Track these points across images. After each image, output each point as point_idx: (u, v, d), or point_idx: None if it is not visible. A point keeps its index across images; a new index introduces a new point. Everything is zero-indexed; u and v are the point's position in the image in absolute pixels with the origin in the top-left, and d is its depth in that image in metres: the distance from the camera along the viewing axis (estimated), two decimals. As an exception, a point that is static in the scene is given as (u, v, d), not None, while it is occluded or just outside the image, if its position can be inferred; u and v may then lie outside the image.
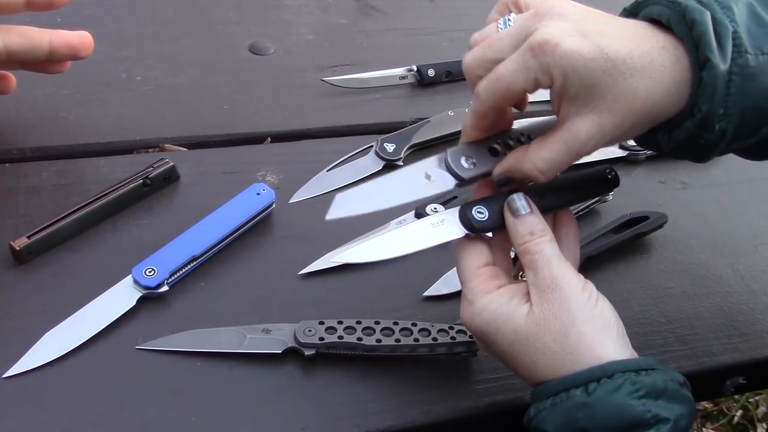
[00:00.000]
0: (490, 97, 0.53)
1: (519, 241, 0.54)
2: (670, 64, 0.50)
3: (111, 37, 0.89)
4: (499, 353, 0.54)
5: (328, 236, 0.71)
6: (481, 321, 0.53)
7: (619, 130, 0.51)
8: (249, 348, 0.60)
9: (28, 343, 0.58)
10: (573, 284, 0.52)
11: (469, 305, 0.54)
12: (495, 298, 0.53)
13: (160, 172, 0.71)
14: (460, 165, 0.57)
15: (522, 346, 0.52)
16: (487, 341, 0.54)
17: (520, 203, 0.55)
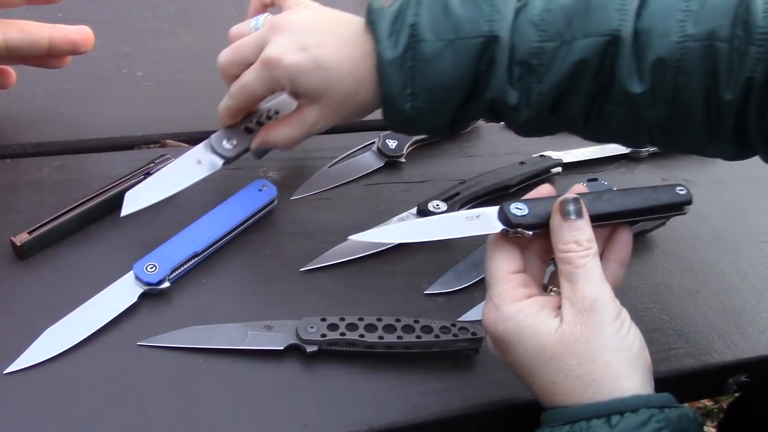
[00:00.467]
0: (240, 98, 0.66)
1: (562, 247, 0.53)
2: (370, 66, 0.61)
3: (112, 32, 0.89)
4: (515, 364, 0.53)
5: (330, 233, 0.70)
6: (505, 329, 0.52)
7: (339, 116, 0.66)
8: (251, 344, 0.60)
9: (29, 339, 0.58)
10: (609, 310, 0.51)
11: (495, 309, 0.53)
12: (523, 307, 0.52)
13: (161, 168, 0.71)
14: (223, 146, 0.69)
15: (544, 365, 0.51)
16: (505, 350, 0.53)
17: (573, 206, 0.53)
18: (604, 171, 0.84)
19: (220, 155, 0.69)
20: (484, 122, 0.87)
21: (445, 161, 0.82)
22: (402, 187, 0.78)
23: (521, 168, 0.79)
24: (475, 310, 0.67)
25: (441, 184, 0.78)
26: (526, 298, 0.53)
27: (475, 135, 0.86)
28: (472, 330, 0.62)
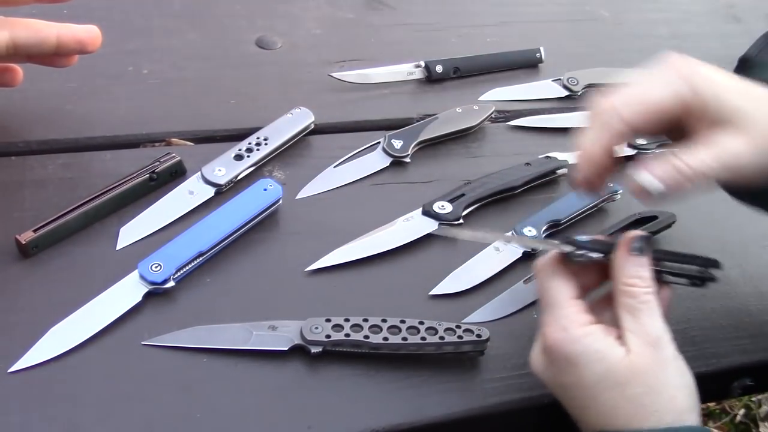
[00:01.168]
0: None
1: (626, 280, 0.54)
2: None
3: (118, 30, 0.89)
4: (573, 386, 0.53)
5: (335, 233, 0.70)
6: (573, 351, 0.53)
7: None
8: (255, 345, 0.60)
9: (33, 338, 0.58)
10: (671, 348, 0.53)
11: (563, 331, 0.53)
12: (592, 331, 0.53)
13: (167, 167, 0.71)
14: (214, 175, 0.71)
15: (609, 389, 0.52)
16: (566, 371, 0.53)
17: (642, 243, 0.55)
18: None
19: (213, 184, 0.71)
20: (490, 123, 0.87)
21: (451, 162, 0.82)
22: (407, 188, 0.77)
23: (527, 169, 0.79)
24: (480, 312, 0.66)
25: (446, 184, 0.77)
26: (590, 324, 0.54)
27: (481, 136, 0.86)
28: (477, 332, 0.61)
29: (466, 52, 0.95)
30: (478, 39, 1.01)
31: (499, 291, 0.69)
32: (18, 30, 0.65)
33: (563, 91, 0.94)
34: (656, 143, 0.86)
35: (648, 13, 1.15)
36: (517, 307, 0.68)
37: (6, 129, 0.74)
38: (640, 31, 1.11)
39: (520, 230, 0.72)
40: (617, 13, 1.13)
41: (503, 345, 0.64)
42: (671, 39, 1.10)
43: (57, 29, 0.67)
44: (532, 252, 0.72)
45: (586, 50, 1.04)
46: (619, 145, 0.55)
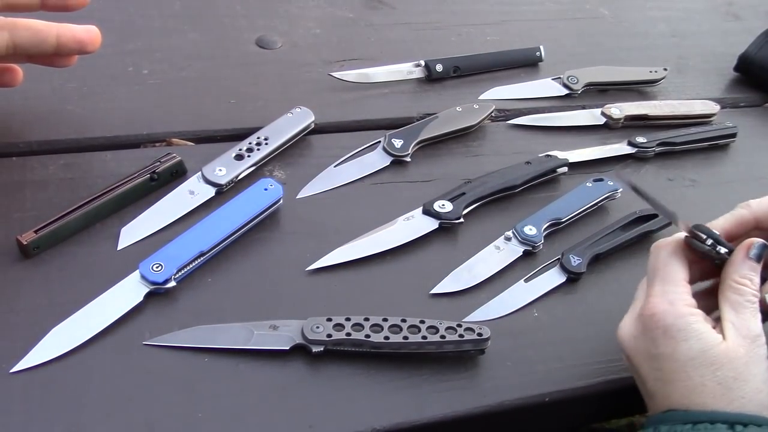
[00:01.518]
0: None
1: (738, 279, 0.57)
2: None
3: (118, 30, 0.89)
4: (665, 358, 0.55)
5: (336, 232, 0.70)
6: (675, 324, 0.55)
7: None
8: (256, 344, 0.60)
9: (34, 338, 0.58)
10: (764, 347, 0.55)
11: (669, 305, 0.56)
12: (696, 312, 0.56)
13: (168, 167, 0.71)
14: (215, 175, 0.71)
15: (702, 366, 0.54)
16: (662, 342, 0.55)
17: (761, 250, 0.58)
18: (611, 171, 0.84)
19: (213, 184, 0.71)
20: (490, 122, 0.87)
21: (451, 160, 0.82)
22: (407, 187, 0.78)
23: (527, 168, 0.79)
24: (481, 311, 0.66)
25: (447, 183, 0.77)
26: (695, 307, 0.56)
27: (481, 134, 0.86)
28: (478, 330, 0.61)
29: (466, 51, 0.95)
30: (478, 38, 1.01)
31: (500, 290, 0.69)
32: (18, 30, 0.66)
33: (563, 90, 0.94)
34: (656, 142, 0.87)
35: (648, 11, 1.15)
36: (518, 306, 0.68)
37: (7, 130, 0.74)
38: (640, 29, 1.11)
39: (521, 229, 0.72)
40: (617, 12, 1.13)
41: (504, 344, 0.64)
42: (671, 37, 1.10)
43: (56, 29, 0.67)
44: (533, 251, 0.72)
45: (586, 49, 1.04)
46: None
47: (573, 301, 0.70)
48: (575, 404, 0.64)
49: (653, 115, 0.91)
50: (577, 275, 0.70)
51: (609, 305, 0.70)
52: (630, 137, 0.87)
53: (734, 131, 0.91)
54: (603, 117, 0.90)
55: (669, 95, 0.98)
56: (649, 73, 0.98)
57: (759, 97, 1.01)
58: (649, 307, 0.57)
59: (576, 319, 0.68)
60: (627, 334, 0.59)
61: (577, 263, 0.71)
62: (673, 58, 1.05)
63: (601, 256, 0.73)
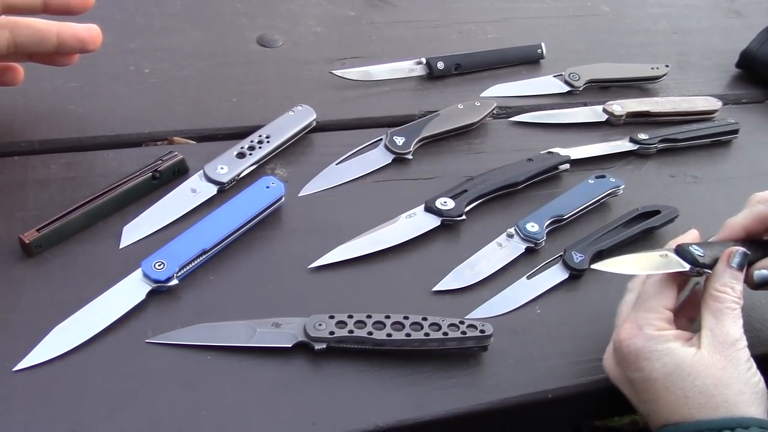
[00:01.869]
0: None
1: (719, 287, 0.59)
2: None
3: (119, 29, 0.89)
4: (643, 380, 0.56)
5: (338, 230, 0.70)
6: (645, 346, 0.57)
7: None
8: (259, 342, 0.60)
9: (37, 337, 0.58)
10: (746, 351, 0.56)
11: (637, 329, 0.58)
12: (665, 334, 0.57)
13: (169, 165, 0.71)
14: (217, 173, 0.71)
15: (680, 380, 0.55)
16: (636, 366, 0.57)
17: (740, 259, 0.60)
18: (612, 167, 0.84)
19: (215, 182, 0.71)
20: (492, 119, 0.87)
21: (453, 158, 0.82)
22: (409, 184, 0.78)
23: (529, 165, 0.79)
24: (484, 308, 0.66)
25: (448, 180, 0.77)
26: (668, 329, 0.58)
27: (483, 132, 0.86)
28: (480, 327, 0.61)
29: (467, 48, 0.95)
30: (479, 35, 1.01)
31: (503, 287, 0.69)
32: (19, 29, 0.66)
33: (565, 87, 0.94)
34: (658, 138, 0.86)
35: (649, 8, 1.15)
36: (521, 303, 0.68)
37: (8, 129, 0.74)
38: (641, 26, 1.11)
39: (523, 226, 0.72)
40: (618, 9, 1.13)
41: (507, 340, 0.64)
42: (672, 34, 1.10)
43: (57, 28, 0.67)
44: (535, 248, 0.72)
45: (588, 46, 1.04)
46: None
47: (575, 297, 0.70)
48: (578, 401, 0.64)
49: (655, 111, 0.91)
50: (580, 272, 0.70)
51: (611, 302, 0.70)
52: (632, 134, 0.87)
53: (736, 128, 0.91)
54: (605, 114, 0.90)
55: (671, 92, 0.98)
56: (650, 69, 0.98)
57: (761, 93, 1.01)
58: (619, 333, 0.59)
59: (578, 315, 0.68)
60: (609, 365, 0.61)
61: (579, 260, 0.71)
62: (674, 55, 1.05)
63: (603, 253, 0.72)
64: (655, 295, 0.60)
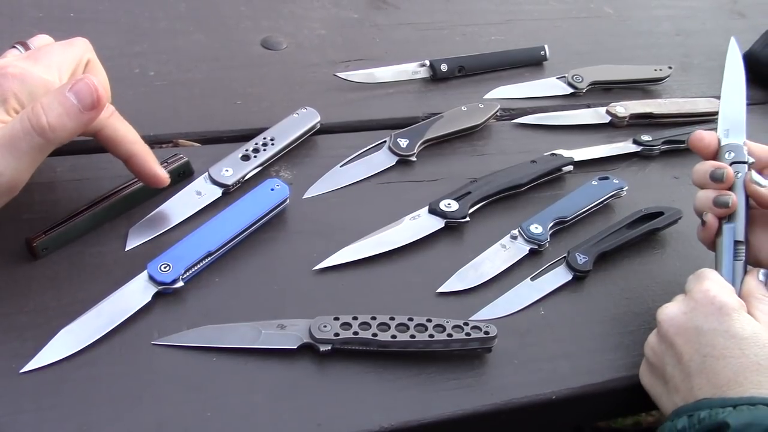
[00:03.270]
0: None
1: (755, 292, 0.61)
2: None
3: (124, 32, 0.89)
4: (716, 333, 0.56)
5: (342, 232, 0.71)
6: (730, 301, 0.57)
7: None
8: (264, 344, 0.60)
9: (44, 339, 0.58)
10: None
11: (727, 286, 0.60)
12: (758, 297, 0.59)
13: (175, 168, 0.71)
14: (222, 176, 0.71)
15: (756, 347, 0.55)
16: (715, 317, 0.57)
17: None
18: (616, 169, 0.84)
19: (220, 184, 0.71)
20: (495, 121, 0.88)
21: (457, 160, 0.82)
22: (413, 186, 0.78)
23: (533, 166, 0.79)
24: (488, 309, 0.67)
25: (452, 182, 0.78)
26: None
27: (486, 134, 0.86)
28: (484, 329, 0.62)
29: (470, 50, 0.96)
30: (482, 37, 1.01)
31: (507, 288, 0.69)
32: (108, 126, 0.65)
33: (568, 89, 0.94)
34: (661, 140, 0.87)
35: (652, 10, 1.15)
36: (525, 304, 0.68)
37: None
38: (645, 27, 1.11)
39: (527, 227, 0.73)
40: (621, 10, 1.13)
41: (511, 342, 0.64)
42: (675, 36, 1.10)
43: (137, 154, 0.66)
44: (539, 249, 0.72)
45: (591, 48, 1.04)
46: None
47: (579, 299, 0.70)
48: (582, 402, 0.64)
49: (658, 113, 0.91)
50: (584, 273, 0.71)
51: (615, 303, 0.70)
52: (635, 135, 0.87)
53: (739, 129, 0.91)
54: (608, 115, 0.90)
55: (674, 93, 0.98)
56: (653, 71, 0.98)
57: (764, 94, 1.01)
58: (706, 283, 0.59)
59: (582, 317, 0.68)
60: (672, 311, 0.60)
61: (583, 261, 0.71)
62: (677, 57, 1.05)
63: (607, 254, 0.73)
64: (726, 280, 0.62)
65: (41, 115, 0.56)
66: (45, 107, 0.56)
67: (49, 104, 0.56)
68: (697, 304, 0.59)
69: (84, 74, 0.61)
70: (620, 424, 1.30)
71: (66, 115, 0.56)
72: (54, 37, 0.68)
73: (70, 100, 0.56)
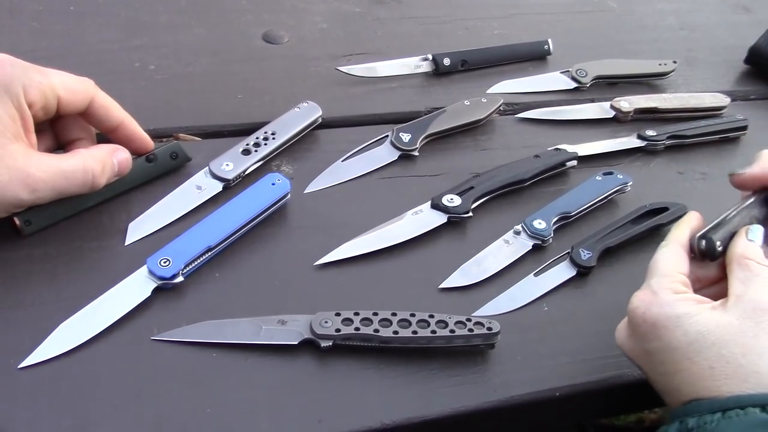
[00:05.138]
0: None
1: (745, 254, 0.55)
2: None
3: (124, 25, 0.88)
4: (662, 351, 0.53)
5: (344, 227, 0.70)
6: (661, 313, 0.53)
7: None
8: (265, 339, 0.60)
9: (43, 334, 0.58)
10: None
11: (652, 295, 0.54)
12: (685, 296, 0.54)
13: (164, 148, 0.71)
14: (222, 170, 0.71)
15: (705, 349, 0.51)
16: (654, 335, 0.53)
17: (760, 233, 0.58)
18: (620, 164, 0.83)
19: (221, 179, 0.71)
20: (498, 115, 0.87)
21: (459, 154, 0.81)
22: (416, 181, 0.77)
23: (536, 161, 0.79)
24: (491, 305, 0.66)
25: (455, 177, 0.77)
26: (684, 293, 0.54)
27: (489, 128, 0.85)
28: (487, 325, 0.61)
29: (473, 44, 0.95)
30: (485, 31, 1.01)
31: (510, 284, 0.68)
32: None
33: (572, 83, 0.93)
34: (666, 135, 0.86)
35: (657, 4, 1.14)
36: (528, 300, 0.67)
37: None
38: (649, 21, 1.10)
39: (530, 223, 0.72)
40: (625, 4, 1.13)
41: (514, 338, 0.64)
42: (680, 30, 1.10)
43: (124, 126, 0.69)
44: (542, 245, 0.72)
45: (595, 42, 1.03)
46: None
47: (583, 295, 0.69)
48: (586, 399, 0.64)
49: (663, 108, 0.91)
50: (587, 269, 0.70)
51: (619, 299, 0.69)
52: (639, 130, 0.86)
53: (745, 124, 0.91)
54: (612, 110, 0.90)
55: (678, 88, 0.97)
56: (658, 66, 0.97)
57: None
58: (633, 301, 0.55)
59: (586, 313, 0.68)
60: (621, 336, 0.58)
61: (587, 257, 0.70)
62: (682, 51, 1.04)
63: (611, 250, 0.72)
64: (668, 260, 0.57)
65: (100, 177, 0.63)
66: (105, 169, 0.64)
67: (103, 169, 0.64)
68: (634, 326, 0.55)
69: (124, 148, 0.67)
70: (623, 421, 1.30)
71: (110, 177, 0.65)
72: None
73: (115, 168, 0.65)
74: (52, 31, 0.85)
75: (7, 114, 0.59)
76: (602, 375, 0.63)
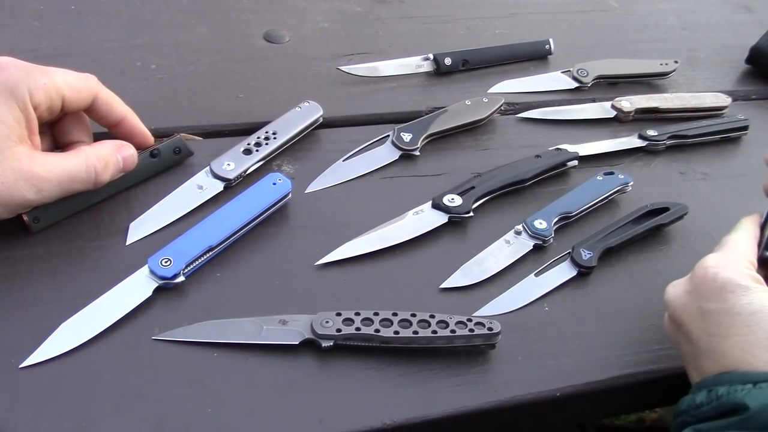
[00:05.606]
0: None
1: None
2: None
3: (125, 24, 0.89)
4: (718, 312, 0.54)
5: (345, 226, 0.70)
6: (733, 278, 0.55)
7: None
8: (266, 339, 0.60)
9: (44, 334, 0.58)
10: None
11: (728, 260, 0.56)
12: (753, 275, 0.56)
13: (168, 144, 0.71)
14: (223, 170, 0.71)
15: (765, 321, 0.52)
16: (718, 296, 0.55)
17: None
18: (621, 164, 0.83)
19: (222, 178, 0.71)
20: (499, 115, 0.87)
21: (460, 154, 0.81)
22: (417, 181, 0.77)
23: (537, 161, 0.79)
24: (491, 305, 0.66)
25: (456, 177, 0.77)
26: (753, 273, 0.57)
27: (490, 128, 0.85)
28: (488, 325, 0.61)
29: (474, 44, 0.95)
30: (486, 31, 1.01)
31: (511, 284, 0.68)
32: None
33: (573, 83, 0.93)
34: (667, 135, 0.86)
35: (658, 4, 1.14)
36: (529, 300, 0.67)
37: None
38: (650, 21, 1.10)
39: (531, 223, 0.72)
40: (627, 4, 1.13)
41: (515, 338, 0.64)
42: (681, 30, 1.10)
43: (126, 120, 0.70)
44: (543, 245, 0.72)
45: (596, 41, 1.03)
46: None
47: (584, 295, 0.69)
48: (586, 399, 0.64)
49: (664, 107, 0.91)
50: (588, 269, 0.70)
51: (620, 299, 0.69)
52: (641, 130, 0.86)
53: (746, 124, 0.91)
54: (613, 110, 0.89)
55: (680, 88, 0.97)
56: (659, 65, 0.97)
57: (771, 89, 1.01)
58: (706, 260, 0.57)
59: (587, 313, 0.68)
60: (677, 291, 0.59)
61: (588, 257, 0.70)
62: (683, 51, 1.04)
63: (612, 250, 0.72)
64: (743, 242, 0.60)
65: (103, 174, 0.64)
66: (108, 166, 0.64)
67: (106, 166, 0.64)
68: (699, 282, 0.57)
69: (129, 144, 0.68)
70: (623, 421, 1.30)
71: (114, 174, 0.66)
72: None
73: (119, 165, 0.66)
74: (53, 31, 0.85)
75: (13, 117, 0.59)
76: (603, 375, 0.63)
